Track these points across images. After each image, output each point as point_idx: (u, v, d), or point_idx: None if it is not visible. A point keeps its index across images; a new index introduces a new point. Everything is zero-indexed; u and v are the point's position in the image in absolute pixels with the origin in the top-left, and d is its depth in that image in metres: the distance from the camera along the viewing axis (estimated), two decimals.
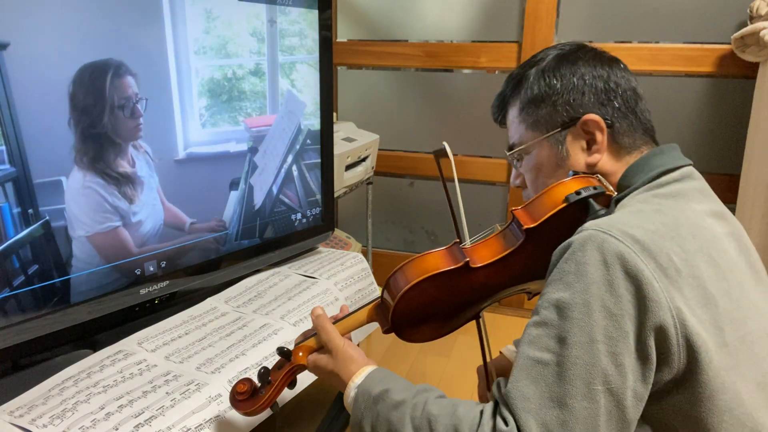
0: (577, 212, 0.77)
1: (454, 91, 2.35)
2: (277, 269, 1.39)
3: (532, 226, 0.77)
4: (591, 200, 0.77)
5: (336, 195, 1.78)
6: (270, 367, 0.87)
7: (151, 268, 1.13)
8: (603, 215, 0.74)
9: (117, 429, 0.81)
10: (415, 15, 2.31)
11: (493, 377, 1.07)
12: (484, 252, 0.82)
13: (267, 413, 0.90)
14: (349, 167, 1.93)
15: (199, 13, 1.14)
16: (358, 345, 1.28)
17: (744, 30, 1.78)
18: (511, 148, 0.92)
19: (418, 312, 0.83)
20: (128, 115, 1.01)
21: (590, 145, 0.84)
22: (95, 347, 1.04)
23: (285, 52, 1.34)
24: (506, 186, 2.36)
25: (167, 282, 1.16)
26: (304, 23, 1.37)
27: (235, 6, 1.21)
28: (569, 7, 2.10)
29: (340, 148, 1.82)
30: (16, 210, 0.91)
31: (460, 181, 0.94)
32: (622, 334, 0.64)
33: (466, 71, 2.34)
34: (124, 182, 1.04)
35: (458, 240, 0.85)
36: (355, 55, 2.40)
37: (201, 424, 0.87)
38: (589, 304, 0.65)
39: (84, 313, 1.02)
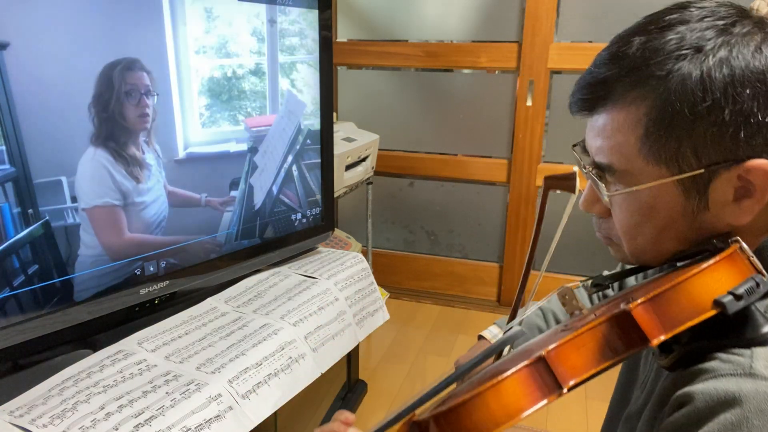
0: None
1: (454, 91, 2.35)
2: (277, 269, 1.39)
3: (662, 339, 0.50)
4: (754, 306, 0.51)
5: (336, 195, 1.78)
6: None
7: (151, 268, 1.13)
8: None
9: (117, 429, 0.81)
10: (415, 15, 2.31)
11: None
12: (576, 361, 0.52)
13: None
14: (349, 167, 1.93)
15: (199, 13, 1.14)
16: (357, 344, 1.29)
17: None
18: (601, 169, 0.61)
19: None
20: (134, 104, 1.05)
21: (740, 198, 0.55)
22: (95, 347, 1.04)
23: (285, 52, 1.34)
24: (506, 186, 2.35)
25: (167, 282, 1.16)
26: (304, 23, 1.37)
27: (235, 6, 1.21)
28: (569, 7, 2.10)
29: (340, 148, 1.82)
30: (16, 210, 0.91)
31: (460, 181, 0.81)
32: None
33: (466, 71, 2.34)
34: (133, 163, 1.07)
35: (543, 353, 0.50)
36: (355, 55, 2.40)
37: (201, 424, 0.87)
38: None
39: (84, 313, 1.02)
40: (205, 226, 1.23)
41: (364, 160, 2.03)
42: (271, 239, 1.38)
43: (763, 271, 0.53)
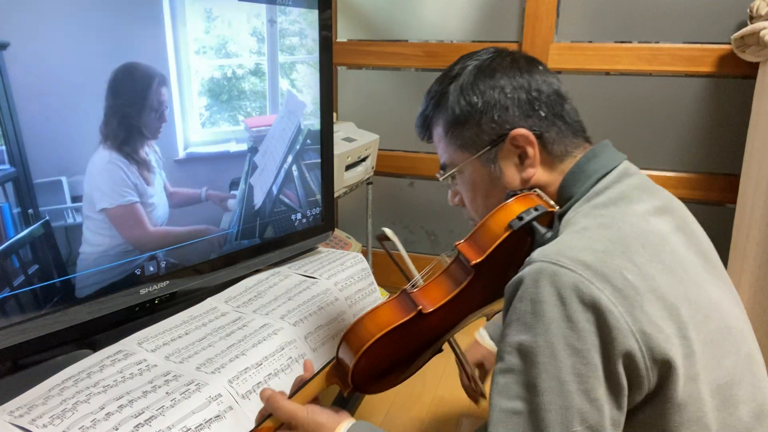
0: (522, 234, 0.76)
1: None
2: (277, 269, 1.39)
3: (479, 260, 0.75)
4: (535, 223, 0.75)
5: (336, 195, 1.78)
6: None
7: (151, 268, 1.13)
8: (549, 238, 0.72)
9: (117, 429, 0.81)
10: (415, 15, 2.31)
11: (471, 368, 1.13)
12: (434, 293, 0.79)
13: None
14: (349, 167, 1.93)
15: (199, 13, 1.14)
16: None
17: (744, 30, 1.78)
18: (443, 168, 0.90)
19: (378, 367, 0.82)
20: (157, 118, 1.11)
21: (522, 159, 0.82)
22: (95, 347, 1.04)
23: (285, 52, 1.34)
24: None
25: (167, 282, 1.16)
26: (304, 23, 1.37)
27: (235, 6, 1.21)
28: (569, 7, 2.10)
29: (340, 148, 1.82)
30: (16, 210, 0.91)
31: None
32: (591, 369, 0.63)
33: None
34: (143, 166, 1.09)
35: (405, 288, 0.81)
36: (355, 55, 2.40)
37: (201, 424, 0.87)
38: (552, 345, 0.63)
39: (84, 313, 1.02)
40: (205, 226, 1.23)
41: (364, 160, 2.03)
42: (271, 239, 1.38)
43: (551, 203, 0.78)
